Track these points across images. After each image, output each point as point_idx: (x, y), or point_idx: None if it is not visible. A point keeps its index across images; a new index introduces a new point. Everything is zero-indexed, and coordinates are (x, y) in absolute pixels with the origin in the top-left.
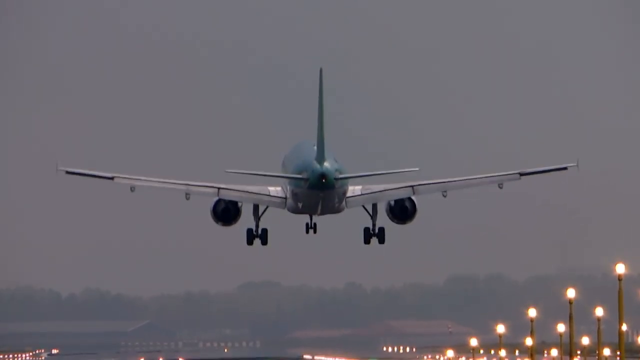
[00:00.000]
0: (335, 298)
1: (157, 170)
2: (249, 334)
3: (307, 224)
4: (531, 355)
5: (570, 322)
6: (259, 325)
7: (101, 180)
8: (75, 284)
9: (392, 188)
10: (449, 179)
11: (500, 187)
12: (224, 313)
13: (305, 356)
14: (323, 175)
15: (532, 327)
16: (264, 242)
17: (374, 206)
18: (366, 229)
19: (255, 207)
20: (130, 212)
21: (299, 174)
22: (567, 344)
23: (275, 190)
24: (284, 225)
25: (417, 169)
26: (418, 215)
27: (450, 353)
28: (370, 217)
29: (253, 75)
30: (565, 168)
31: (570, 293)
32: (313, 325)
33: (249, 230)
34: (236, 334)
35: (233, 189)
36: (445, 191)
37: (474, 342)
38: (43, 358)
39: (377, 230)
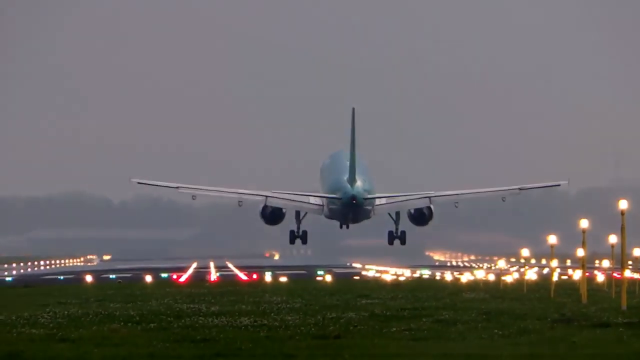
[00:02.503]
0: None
1: (214, 179)
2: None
3: (340, 224)
4: (582, 266)
5: (622, 233)
6: (309, 233)
7: None
8: (126, 191)
9: (412, 198)
10: (459, 191)
11: (503, 200)
12: None
13: (355, 264)
14: (354, 197)
15: (583, 238)
16: (304, 241)
17: (397, 213)
18: (390, 232)
19: (297, 213)
20: (180, 119)
21: (334, 193)
22: (619, 255)
23: (314, 199)
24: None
25: (432, 192)
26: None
27: (501, 263)
28: (393, 222)
29: (294, 89)
30: (558, 185)
31: (623, 204)
32: (363, 235)
33: (291, 232)
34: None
35: (278, 197)
36: (456, 202)
37: (525, 252)
38: (95, 264)
39: (399, 233)
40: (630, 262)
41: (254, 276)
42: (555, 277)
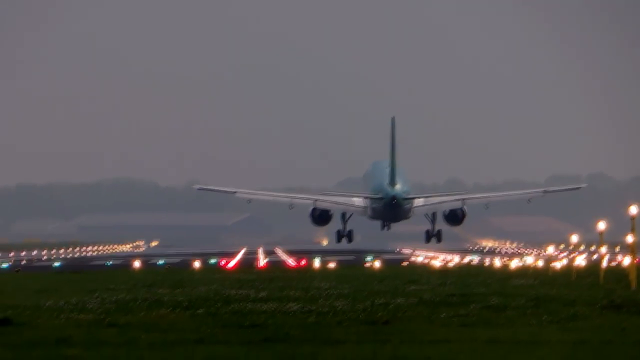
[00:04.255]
0: (437, 191)
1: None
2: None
3: (382, 224)
4: (632, 252)
5: None
6: (358, 219)
7: None
8: (175, 176)
9: (447, 200)
10: (489, 194)
11: (529, 202)
12: None
13: (405, 250)
14: (394, 197)
15: (633, 225)
16: (350, 240)
17: (433, 214)
18: (427, 231)
19: (343, 214)
20: (225, 102)
21: (376, 194)
22: None
23: (358, 201)
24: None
25: (465, 192)
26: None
27: (550, 249)
28: (430, 222)
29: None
30: (579, 188)
31: None
32: (412, 221)
33: (338, 231)
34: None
35: (326, 200)
36: (487, 204)
37: (574, 238)
38: (142, 249)
39: (435, 232)
40: None
41: (303, 262)
42: (604, 264)
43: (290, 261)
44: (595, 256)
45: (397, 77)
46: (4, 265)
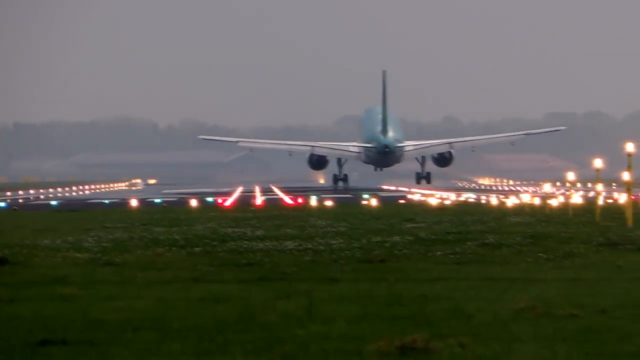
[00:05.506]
0: (435, 130)
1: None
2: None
3: (375, 167)
4: (628, 190)
5: None
6: (353, 162)
7: None
8: (173, 115)
9: (435, 144)
10: (475, 137)
11: (512, 144)
12: None
13: (402, 188)
14: (386, 146)
15: (629, 162)
16: (345, 182)
17: (423, 157)
18: (417, 173)
19: (338, 160)
20: (224, 39)
21: (369, 143)
22: None
23: (353, 147)
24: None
25: (454, 138)
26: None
27: (547, 187)
28: (420, 165)
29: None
30: (558, 130)
31: None
32: (404, 163)
33: (334, 175)
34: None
35: (323, 146)
36: (473, 147)
37: (571, 175)
38: (140, 187)
39: (425, 174)
40: None
41: (299, 200)
42: (600, 201)
43: (287, 199)
44: (591, 194)
45: (393, 18)
46: (1, 205)
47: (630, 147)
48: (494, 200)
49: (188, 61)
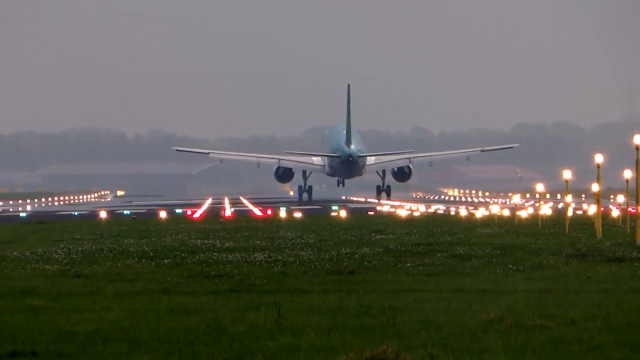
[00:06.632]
0: (402, 141)
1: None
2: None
3: (337, 181)
4: (597, 201)
5: (637, 168)
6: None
7: None
8: (141, 126)
9: (395, 159)
10: (432, 153)
11: (468, 160)
12: None
13: (370, 199)
14: (350, 155)
15: (598, 173)
16: (310, 194)
17: (383, 171)
18: (378, 186)
19: (304, 172)
20: (191, 47)
21: (334, 152)
22: (634, 190)
23: (317, 160)
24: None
25: (412, 150)
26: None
27: (516, 198)
28: (381, 178)
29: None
30: (511, 147)
31: (637, 139)
32: (364, 178)
33: (299, 187)
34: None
35: (288, 159)
36: (431, 162)
37: (540, 187)
38: (109, 199)
39: (385, 187)
40: None
41: (269, 212)
42: (570, 212)
43: (256, 211)
44: (561, 205)
45: (364, 26)
46: None
47: (599, 158)
48: (463, 212)
49: (156, 71)
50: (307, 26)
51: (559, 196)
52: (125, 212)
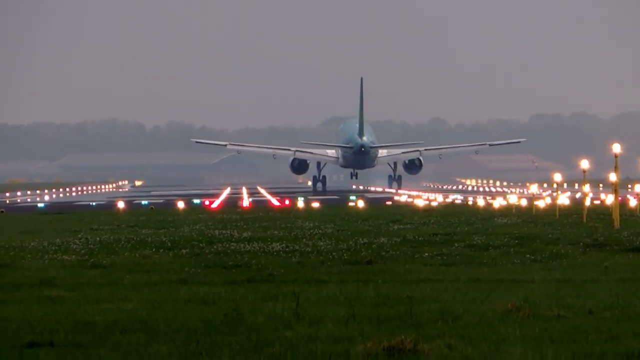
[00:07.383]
0: (419, 132)
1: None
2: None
3: (350, 173)
4: (615, 191)
5: None
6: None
7: None
8: (159, 117)
9: (406, 151)
10: (442, 146)
11: (477, 153)
12: None
13: (388, 190)
14: (363, 145)
15: (616, 163)
16: (324, 184)
17: (395, 163)
18: (390, 176)
19: (318, 163)
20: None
21: (347, 144)
22: None
23: (331, 152)
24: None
25: (422, 142)
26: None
27: (533, 188)
28: (392, 170)
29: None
30: (519, 142)
31: None
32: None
33: (314, 177)
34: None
35: (304, 151)
36: (440, 155)
37: (557, 177)
38: (126, 189)
39: (396, 178)
40: None
41: (286, 202)
42: (587, 202)
43: (274, 201)
44: (578, 195)
45: (379, 19)
46: None
47: (617, 148)
48: (481, 202)
49: (174, 63)
50: (334, 17)
51: (576, 186)
52: (143, 202)
